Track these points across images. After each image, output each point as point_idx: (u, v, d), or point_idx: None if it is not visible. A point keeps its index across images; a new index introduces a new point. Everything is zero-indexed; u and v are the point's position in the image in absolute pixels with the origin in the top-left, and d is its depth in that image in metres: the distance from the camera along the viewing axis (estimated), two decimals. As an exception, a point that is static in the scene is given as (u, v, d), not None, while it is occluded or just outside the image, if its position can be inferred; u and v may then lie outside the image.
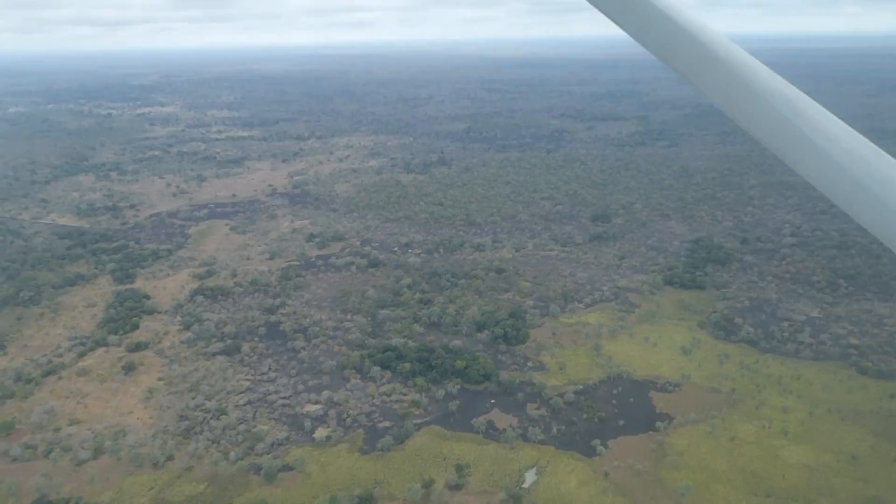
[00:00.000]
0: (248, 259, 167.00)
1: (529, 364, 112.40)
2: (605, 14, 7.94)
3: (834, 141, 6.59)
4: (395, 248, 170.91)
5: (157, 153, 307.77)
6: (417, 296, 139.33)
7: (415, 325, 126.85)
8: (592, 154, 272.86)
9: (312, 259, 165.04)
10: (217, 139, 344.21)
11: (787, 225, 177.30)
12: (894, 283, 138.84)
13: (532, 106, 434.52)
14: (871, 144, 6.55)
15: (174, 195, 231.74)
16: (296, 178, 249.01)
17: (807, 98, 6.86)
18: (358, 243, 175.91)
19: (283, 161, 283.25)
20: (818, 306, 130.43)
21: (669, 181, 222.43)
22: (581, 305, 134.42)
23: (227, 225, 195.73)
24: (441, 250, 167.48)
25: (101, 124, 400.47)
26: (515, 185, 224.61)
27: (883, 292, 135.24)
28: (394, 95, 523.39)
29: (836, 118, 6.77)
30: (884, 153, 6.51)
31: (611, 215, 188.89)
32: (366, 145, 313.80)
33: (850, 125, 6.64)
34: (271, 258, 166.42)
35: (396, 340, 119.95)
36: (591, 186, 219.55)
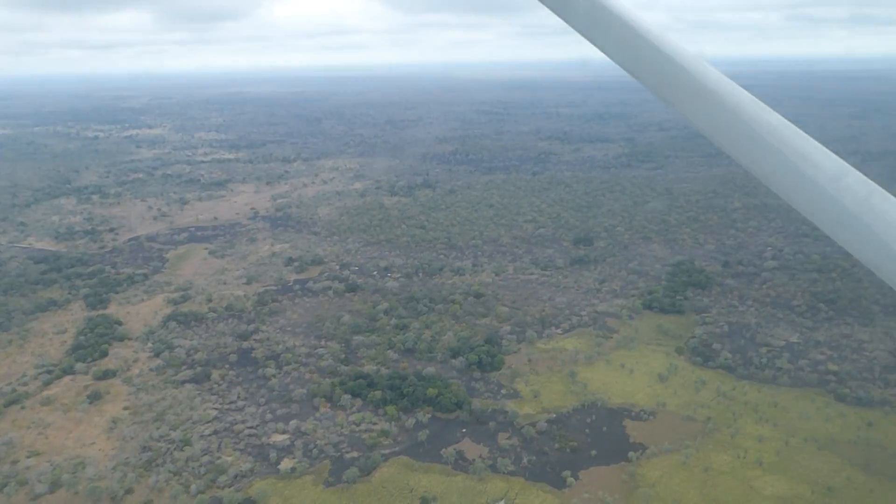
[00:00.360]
0: (224, 284, 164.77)
1: (503, 391, 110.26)
2: (591, 41, 7.95)
3: (811, 162, 6.55)
4: (375, 272, 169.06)
5: (141, 176, 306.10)
6: (394, 321, 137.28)
7: (389, 351, 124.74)
8: (577, 176, 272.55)
9: (290, 283, 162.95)
10: (202, 161, 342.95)
11: (769, 248, 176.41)
12: (875, 307, 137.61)
13: (520, 128, 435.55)
14: (855, 170, 6.48)
15: (155, 218, 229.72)
16: (279, 200, 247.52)
17: (785, 121, 6.84)
18: (337, 267, 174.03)
19: (268, 183, 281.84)
20: (797, 331, 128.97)
21: (653, 204, 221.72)
22: (559, 331, 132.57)
23: (205, 249, 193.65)
24: (420, 274, 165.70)
25: (87, 147, 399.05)
26: (499, 207, 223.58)
27: (863, 316, 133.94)
28: (383, 117, 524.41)
29: (815, 142, 6.75)
30: (869, 181, 6.43)
31: (593, 238, 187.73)
32: (351, 167, 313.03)
33: (834, 147, 6.58)
34: (248, 283, 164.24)
35: (369, 367, 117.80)
36: (575, 209, 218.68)
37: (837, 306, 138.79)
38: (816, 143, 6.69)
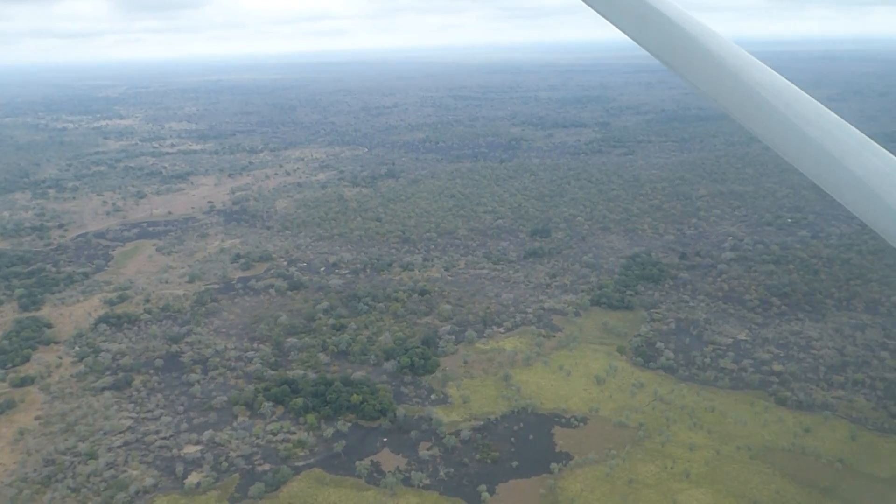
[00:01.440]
0: (166, 283, 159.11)
1: (433, 397, 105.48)
2: (601, 14, 8.11)
3: (820, 127, 6.82)
4: (322, 269, 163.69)
5: (102, 168, 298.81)
6: (331, 321, 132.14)
7: (321, 354, 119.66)
8: (545, 163, 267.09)
9: (233, 282, 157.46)
10: (168, 153, 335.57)
11: (729, 238, 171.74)
12: (828, 301, 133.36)
13: (496, 113, 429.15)
14: (863, 136, 6.73)
15: (108, 213, 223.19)
16: (237, 193, 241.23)
17: (796, 88, 7.01)
18: (285, 264, 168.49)
19: (230, 176, 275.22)
20: (747, 328, 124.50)
21: (618, 191, 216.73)
22: (501, 330, 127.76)
23: (154, 245, 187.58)
24: (368, 270, 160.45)
25: (54, 138, 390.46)
26: (460, 198, 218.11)
27: (816, 311, 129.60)
28: (358, 104, 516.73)
29: (825, 108, 6.97)
30: (874, 143, 6.70)
31: (550, 230, 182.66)
32: (318, 157, 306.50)
33: None
34: (191, 281, 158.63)
35: (296, 372, 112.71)
36: (538, 198, 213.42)
37: (791, 301, 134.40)
38: (828, 110, 6.86)
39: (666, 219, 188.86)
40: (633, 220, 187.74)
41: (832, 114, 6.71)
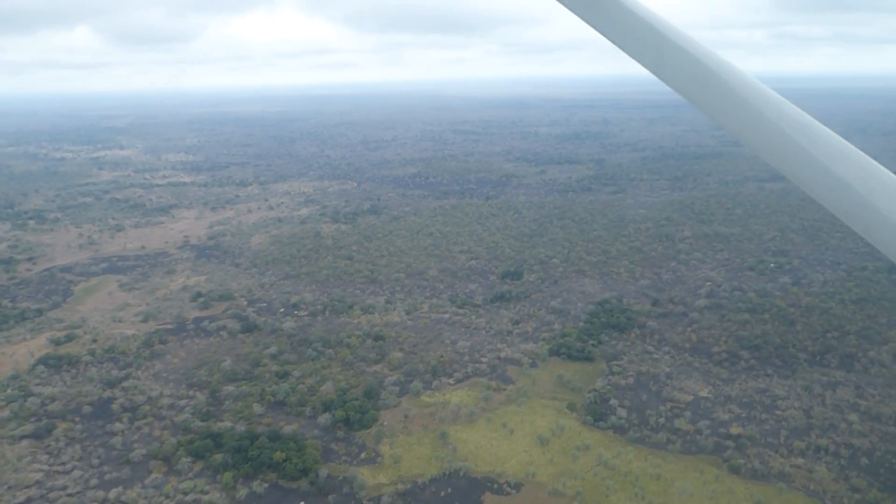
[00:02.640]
0: (119, 322, 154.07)
1: (363, 455, 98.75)
2: (609, 38, 8.17)
3: (846, 164, 6.68)
4: (281, 310, 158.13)
5: (88, 200, 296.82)
6: (276, 368, 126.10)
7: (256, 404, 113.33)
8: (532, 201, 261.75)
9: (188, 322, 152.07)
10: (158, 185, 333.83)
11: (707, 283, 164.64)
12: (801, 354, 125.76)
13: (493, 149, 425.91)
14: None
15: (81, 247, 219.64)
16: (215, 228, 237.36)
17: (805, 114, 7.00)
18: (244, 303, 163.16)
19: (213, 209, 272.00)
20: (711, 384, 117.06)
21: (599, 232, 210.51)
22: (451, 381, 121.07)
23: (117, 281, 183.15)
24: (327, 312, 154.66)
25: (49, 168, 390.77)
26: (438, 236, 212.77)
27: (786, 366, 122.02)
28: (358, 137, 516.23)
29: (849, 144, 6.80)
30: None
31: (523, 272, 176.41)
32: (305, 192, 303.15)
33: None
34: (145, 321, 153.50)
35: (224, 424, 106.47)
36: (516, 238, 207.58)
37: (761, 354, 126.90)
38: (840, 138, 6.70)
39: (644, 262, 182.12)
40: (610, 263, 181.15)
41: (858, 151, 6.58)
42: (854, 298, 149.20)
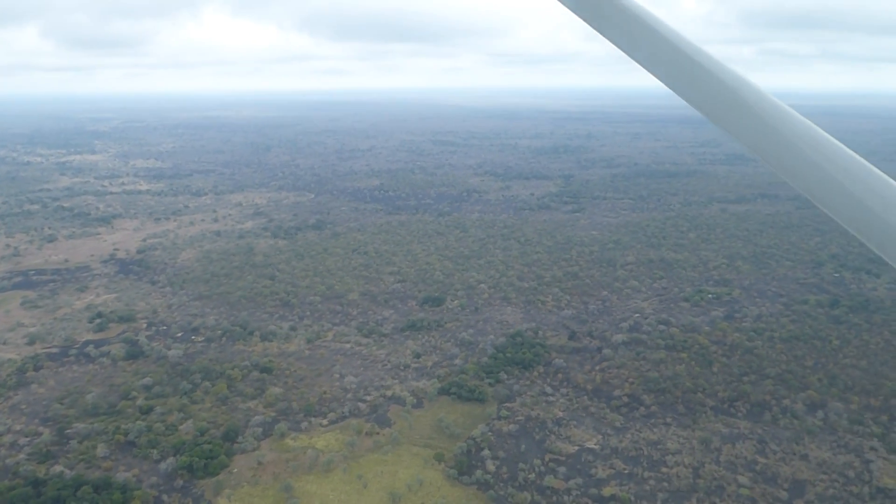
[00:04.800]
0: (4, 344, 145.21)
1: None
2: (616, 44, 8.15)
3: (828, 156, 6.73)
4: (179, 334, 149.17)
5: (35, 207, 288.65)
6: (142, 402, 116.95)
7: (103, 444, 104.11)
8: (483, 219, 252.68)
9: (75, 346, 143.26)
10: (112, 192, 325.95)
11: (635, 315, 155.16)
12: (709, 401, 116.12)
13: (466, 161, 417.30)
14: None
15: (3, 259, 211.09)
16: (150, 241, 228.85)
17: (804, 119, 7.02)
18: (144, 326, 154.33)
19: (156, 220, 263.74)
20: (601, 432, 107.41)
21: (541, 255, 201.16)
22: (324, 422, 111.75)
23: (23, 297, 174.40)
24: (224, 338, 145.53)
25: (10, 173, 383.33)
26: (374, 255, 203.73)
27: (689, 414, 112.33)
28: (336, 146, 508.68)
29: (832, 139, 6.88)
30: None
31: (446, 298, 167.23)
32: (259, 203, 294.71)
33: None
34: (31, 343, 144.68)
35: (54, 469, 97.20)
36: (453, 259, 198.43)
37: (666, 399, 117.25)
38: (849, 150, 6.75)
39: (576, 289, 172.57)
40: (540, 290, 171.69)
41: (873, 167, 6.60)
42: (784, 336, 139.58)
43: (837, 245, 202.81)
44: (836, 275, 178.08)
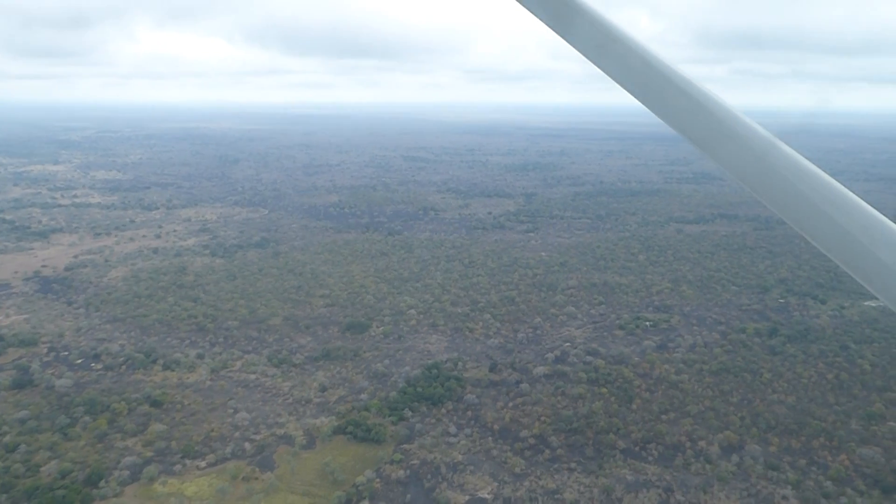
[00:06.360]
0: None
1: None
2: (612, 77, 8.10)
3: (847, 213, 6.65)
4: (79, 361, 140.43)
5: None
6: (9, 439, 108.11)
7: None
8: (433, 239, 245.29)
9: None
10: (62, 205, 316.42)
11: (565, 344, 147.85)
12: (621, 443, 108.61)
13: (432, 178, 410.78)
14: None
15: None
16: (81, 257, 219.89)
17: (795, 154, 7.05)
18: (45, 351, 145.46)
19: (97, 235, 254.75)
20: (499, 479, 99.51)
21: (482, 277, 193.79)
22: (203, 463, 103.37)
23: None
24: (125, 367, 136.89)
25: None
26: (309, 276, 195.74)
27: (597, 458, 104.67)
28: (305, 160, 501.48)
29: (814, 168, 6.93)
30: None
31: (371, 324, 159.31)
32: (208, 219, 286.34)
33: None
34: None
35: None
36: (390, 281, 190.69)
37: (575, 441, 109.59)
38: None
39: (510, 315, 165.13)
40: (471, 316, 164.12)
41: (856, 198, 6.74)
42: (715, 368, 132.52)
43: (787, 269, 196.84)
44: (782, 300, 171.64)
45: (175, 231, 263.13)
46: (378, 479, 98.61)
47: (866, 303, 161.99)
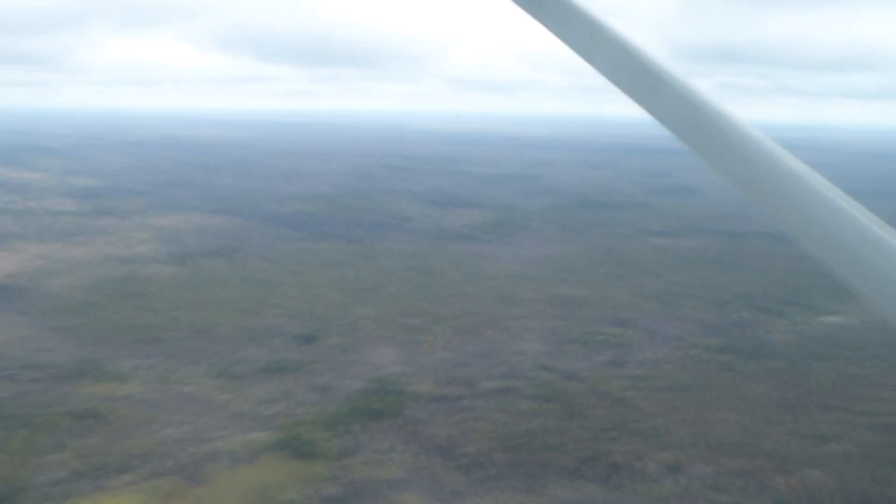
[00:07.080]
0: None
1: None
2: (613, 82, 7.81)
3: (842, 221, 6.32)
4: (6, 372, 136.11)
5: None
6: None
7: None
8: (398, 249, 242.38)
9: None
10: (28, 213, 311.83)
11: (515, 357, 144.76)
12: (563, 460, 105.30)
13: (411, 188, 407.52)
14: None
15: None
16: (33, 264, 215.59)
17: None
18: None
19: (59, 242, 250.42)
20: (437, 498, 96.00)
21: (440, 289, 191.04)
22: (132, 478, 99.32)
23: None
24: (56, 379, 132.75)
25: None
26: (264, 286, 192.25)
27: (538, 477, 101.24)
28: (288, 169, 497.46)
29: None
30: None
31: (321, 335, 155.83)
32: (173, 226, 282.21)
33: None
34: None
35: None
36: (347, 292, 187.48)
37: (517, 459, 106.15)
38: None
39: (463, 327, 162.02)
40: (423, 328, 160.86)
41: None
42: (666, 384, 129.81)
43: (748, 282, 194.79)
44: (737, 316, 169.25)
45: (140, 238, 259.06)
46: (312, 497, 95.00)
47: (823, 318, 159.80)
